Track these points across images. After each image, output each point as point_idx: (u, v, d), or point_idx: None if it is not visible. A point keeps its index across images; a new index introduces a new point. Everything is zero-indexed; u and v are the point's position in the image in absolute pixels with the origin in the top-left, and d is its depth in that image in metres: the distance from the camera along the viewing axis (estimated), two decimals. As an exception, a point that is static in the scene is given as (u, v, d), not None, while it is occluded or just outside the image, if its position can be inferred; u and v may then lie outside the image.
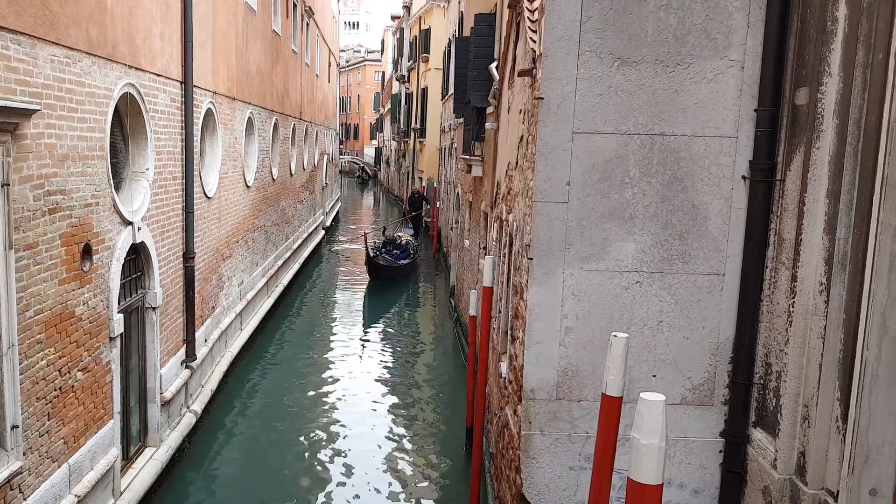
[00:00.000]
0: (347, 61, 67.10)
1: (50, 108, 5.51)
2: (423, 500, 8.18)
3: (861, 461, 3.88)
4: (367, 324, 16.07)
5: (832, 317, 4.02)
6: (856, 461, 3.88)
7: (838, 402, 4.01)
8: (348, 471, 8.78)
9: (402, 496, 8.24)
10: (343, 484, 8.48)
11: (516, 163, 6.37)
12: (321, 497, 8.14)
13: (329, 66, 29.50)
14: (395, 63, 43.51)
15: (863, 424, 3.85)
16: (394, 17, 44.54)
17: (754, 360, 4.81)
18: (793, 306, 4.35)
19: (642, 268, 4.90)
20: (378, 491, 8.33)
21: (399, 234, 23.19)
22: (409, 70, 35.88)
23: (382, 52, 61.13)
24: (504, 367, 6.73)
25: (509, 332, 6.59)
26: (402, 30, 40.37)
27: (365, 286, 19.25)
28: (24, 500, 5.30)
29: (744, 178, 4.80)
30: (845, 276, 3.95)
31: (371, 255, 18.77)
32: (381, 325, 15.99)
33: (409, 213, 27.67)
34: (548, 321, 4.93)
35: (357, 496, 8.22)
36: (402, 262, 20.18)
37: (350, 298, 18.42)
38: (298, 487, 8.33)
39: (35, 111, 5.18)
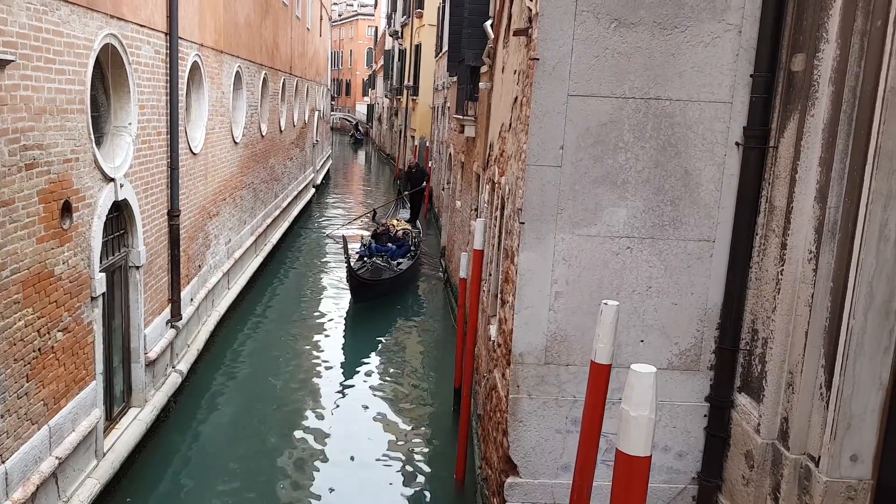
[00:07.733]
0: (340, 15, 65.90)
1: (26, 59, 5.33)
2: (410, 460, 8.27)
3: (843, 428, 3.92)
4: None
5: (820, 285, 4.02)
6: (838, 427, 3.93)
7: (823, 369, 4.03)
8: (335, 431, 8.84)
9: (389, 456, 8.32)
10: (329, 444, 8.54)
11: (510, 125, 6.28)
12: (307, 457, 8.21)
13: (321, 19, 28.93)
14: (389, 18, 42.72)
15: (846, 392, 3.89)
16: (387, -30, 43.65)
17: (741, 327, 4.83)
18: (781, 274, 4.34)
19: (633, 233, 4.87)
20: (365, 451, 8.41)
21: (394, 220, 18.23)
22: (403, 26, 35.24)
23: (376, 6, 60.06)
24: (493, 330, 6.74)
25: (499, 295, 6.58)
26: (394, -16, 39.58)
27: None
28: (3, 462, 5.24)
29: (737, 144, 4.74)
30: (835, 245, 3.94)
31: (353, 266, 13.18)
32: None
33: (404, 185, 21.58)
34: (538, 286, 4.92)
35: (343, 456, 8.29)
36: (399, 262, 15.23)
37: (340, 257, 18.33)
38: (284, 447, 8.39)
39: (9, 62, 5.01)
